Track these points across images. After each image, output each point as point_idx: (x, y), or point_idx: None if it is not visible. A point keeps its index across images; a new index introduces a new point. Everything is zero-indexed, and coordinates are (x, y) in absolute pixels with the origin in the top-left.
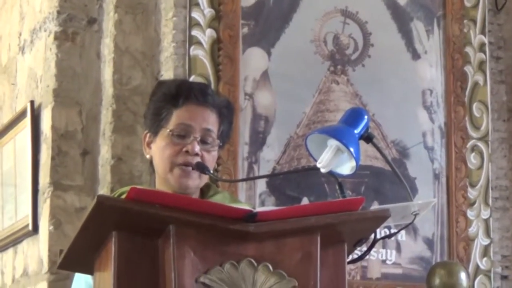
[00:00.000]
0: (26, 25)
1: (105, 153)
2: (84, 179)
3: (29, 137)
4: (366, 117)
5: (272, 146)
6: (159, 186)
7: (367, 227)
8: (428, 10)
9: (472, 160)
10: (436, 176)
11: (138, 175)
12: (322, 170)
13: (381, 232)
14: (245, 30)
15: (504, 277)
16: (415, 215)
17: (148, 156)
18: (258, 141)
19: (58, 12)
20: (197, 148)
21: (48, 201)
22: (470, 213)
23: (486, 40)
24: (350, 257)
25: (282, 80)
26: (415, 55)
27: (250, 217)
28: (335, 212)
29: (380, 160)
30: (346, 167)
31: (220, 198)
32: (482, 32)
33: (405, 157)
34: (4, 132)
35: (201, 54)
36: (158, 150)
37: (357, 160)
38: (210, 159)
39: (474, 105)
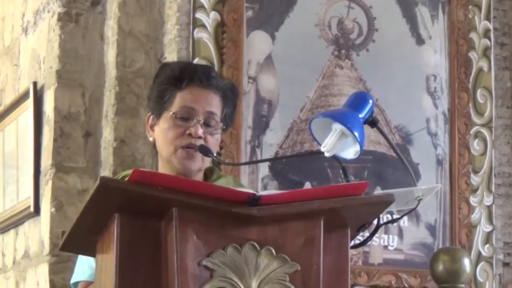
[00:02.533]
0: (29, 6)
1: (107, 135)
2: (86, 161)
3: (31, 118)
4: (370, 101)
5: (275, 130)
6: (162, 168)
7: (370, 212)
8: None
9: (476, 146)
10: (439, 162)
11: (140, 158)
12: (326, 154)
13: (384, 217)
14: (249, 13)
15: (506, 264)
16: (419, 200)
17: (151, 139)
18: (261, 125)
19: None
20: (200, 131)
21: (50, 183)
22: (473, 200)
23: (491, 26)
24: (353, 242)
25: (286, 64)
26: (420, 40)
27: (253, 200)
28: (339, 196)
29: (383, 145)
30: (350, 152)
31: (223, 182)
32: (487, 18)
33: (408, 142)
34: (7, 113)
35: (205, 37)
36: (161, 132)
37: (361, 144)
38: (213, 142)
39: (478, 91)
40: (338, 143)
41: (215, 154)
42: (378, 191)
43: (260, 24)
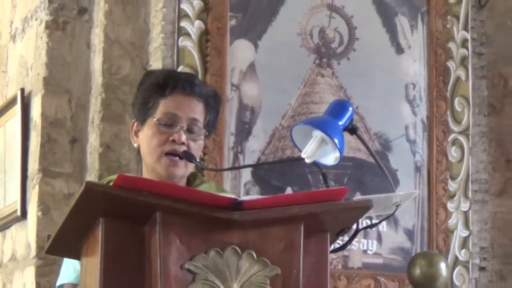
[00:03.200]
0: (17, 13)
1: (93, 141)
2: (72, 166)
3: (19, 124)
4: (350, 109)
5: (258, 136)
6: (146, 174)
7: (349, 217)
8: (412, 5)
9: (453, 153)
10: (418, 169)
11: (125, 163)
12: (307, 161)
13: (363, 222)
14: (233, 22)
15: (482, 268)
16: (397, 206)
17: (135, 145)
18: (244, 131)
19: (50, 1)
20: (183, 137)
21: (36, 187)
22: (450, 205)
23: (468, 36)
24: (332, 247)
25: (268, 72)
26: (399, 50)
27: (235, 205)
28: (319, 202)
29: (363, 152)
30: (330, 158)
31: (206, 187)
32: (465, 28)
33: (387, 149)
34: None
35: (189, 45)
36: (145, 138)
37: (341, 151)
38: (196, 148)
39: (456, 100)
40: (319, 150)
41: (198, 160)
42: (357, 196)
43: (244, 33)
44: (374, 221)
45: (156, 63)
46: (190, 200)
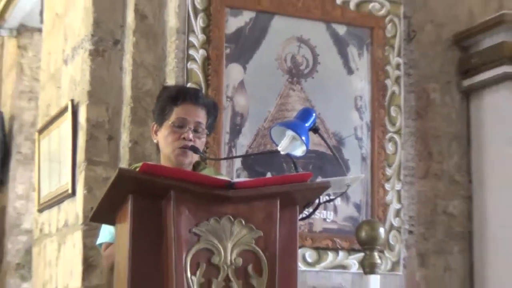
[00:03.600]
0: (68, 44)
1: (124, 138)
2: (109, 157)
3: (69, 126)
4: (314, 115)
5: (246, 135)
6: (163, 162)
7: (313, 194)
8: (359, 38)
9: (389, 147)
10: (363, 159)
11: (148, 155)
12: (282, 153)
13: (323, 198)
14: (228, 50)
15: (410, 232)
16: (348, 186)
17: (155, 141)
18: (235, 131)
19: (92, 35)
20: (191, 135)
21: (83, 172)
22: (387, 186)
23: (401, 61)
24: (300, 216)
25: (253, 88)
26: (350, 71)
27: (229, 185)
28: (291, 183)
29: (323, 146)
30: (299, 151)
31: (207, 171)
32: (398, 55)
33: (341, 144)
34: (52, 122)
35: (195, 67)
36: (162, 136)
37: (307, 145)
38: (200, 143)
39: (391, 108)
40: (290, 145)
41: (201, 152)
42: (319, 179)
43: (235, 59)
44: (331, 197)
45: (170, 81)
46: (195, 182)
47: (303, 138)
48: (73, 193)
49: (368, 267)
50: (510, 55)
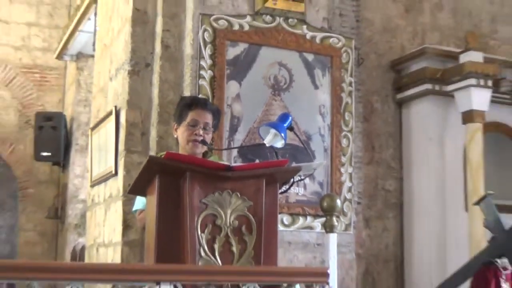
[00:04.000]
0: (113, 66)
1: (153, 134)
2: (142, 147)
3: (113, 125)
4: (290, 118)
5: (241, 132)
6: (181, 151)
7: (289, 175)
8: (323, 63)
9: (344, 142)
10: (325, 150)
11: (170, 146)
12: (267, 145)
13: (296, 178)
14: (228, 71)
15: (358, 203)
16: (314, 169)
17: (175, 136)
18: (233, 129)
19: (130, 60)
20: (201, 132)
21: (123, 159)
22: (342, 169)
23: (352, 80)
24: (280, 190)
25: (246, 98)
26: (316, 87)
27: (228, 168)
28: (273, 167)
29: (297, 141)
30: (279, 144)
31: (213, 158)
32: (351, 76)
33: (309, 139)
34: (101, 122)
35: (205, 84)
36: (180, 133)
37: (285, 140)
38: (208, 138)
39: (346, 114)
40: (273, 139)
41: (209, 144)
42: (293, 164)
43: (233, 77)
44: (302, 177)
45: (186, 93)
46: (204, 165)
47: (282, 134)
48: (116, 173)
49: (328, 228)
50: (430, 77)
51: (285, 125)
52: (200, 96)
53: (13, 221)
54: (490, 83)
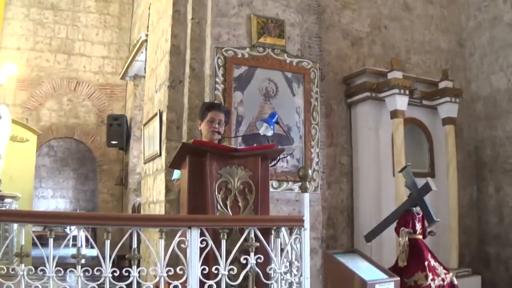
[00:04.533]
0: (157, 83)
1: (185, 128)
2: (177, 137)
3: (158, 122)
4: (276, 115)
5: (244, 125)
6: (203, 139)
7: (276, 154)
8: (298, 79)
9: (313, 132)
10: (300, 137)
11: (196, 135)
12: (261, 133)
13: (281, 156)
14: (234, 85)
15: (323, 172)
16: (293, 150)
17: (199, 129)
18: (238, 123)
19: (168, 78)
20: (217, 126)
21: (165, 143)
22: (312, 150)
23: (318, 90)
24: (270, 165)
25: (247, 103)
26: (294, 94)
27: (236, 150)
28: (266, 148)
29: (281, 131)
30: (269, 133)
31: (225, 143)
32: (317, 86)
33: (290, 130)
34: (150, 120)
35: (219, 93)
36: (203, 127)
37: (273, 130)
38: (222, 130)
39: (314, 112)
40: (265, 130)
41: (222, 134)
42: (279, 147)
43: (238, 89)
44: (285, 156)
45: (206, 100)
46: (219, 148)
47: (271, 127)
48: (160, 154)
49: (303, 189)
50: (369, 87)
51: (273, 120)
52: (215, 101)
53: (94, 186)
54: (407, 92)
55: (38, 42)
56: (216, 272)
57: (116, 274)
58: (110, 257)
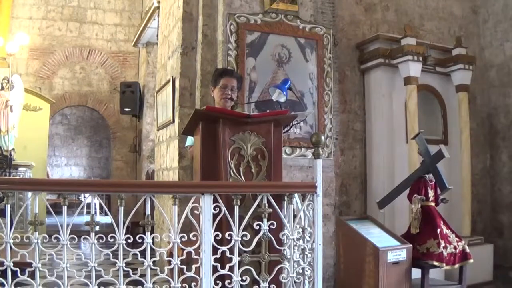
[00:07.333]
0: (170, 49)
1: (198, 94)
2: (190, 103)
3: (171, 89)
4: (289, 81)
5: (257, 92)
6: (216, 106)
7: (289, 120)
8: (311, 45)
9: (326, 98)
10: (314, 103)
11: (209, 102)
12: (274, 100)
13: (294, 122)
14: (247, 51)
15: (336, 139)
16: (306, 116)
17: (212, 95)
18: (251, 89)
19: (181, 45)
20: (229, 92)
21: (178, 110)
22: (325, 116)
23: (331, 56)
24: (283, 131)
25: (260, 69)
26: (307, 61)
27: (248, 116)
28: (278, 114)
29: (294, 97)
30: (282, 99)
31: (238, 110)
32: (330, 53)
33: (303, 96)
34: (163, 87)
35: (231, 59)
36: (216, 92)
37: (286, 96)
38: (234, 96)
39: (327, 79)
40: (278, 96)
41: (235, 100)
42: (291, 113)
43: (251, 55)
44: (298, 122)
45: (219, 66)
46: (232, 114)
47: (284, 93)
48: (173, 121)
49: (316, 155)
50: (382, 54)
51: (286, 86)
52: (228, 67)
53: (108, 154)
54: (420, 58)
55: (50, 11)
56: (229, 238)
57: (130, 241)
58: (124, 224)
